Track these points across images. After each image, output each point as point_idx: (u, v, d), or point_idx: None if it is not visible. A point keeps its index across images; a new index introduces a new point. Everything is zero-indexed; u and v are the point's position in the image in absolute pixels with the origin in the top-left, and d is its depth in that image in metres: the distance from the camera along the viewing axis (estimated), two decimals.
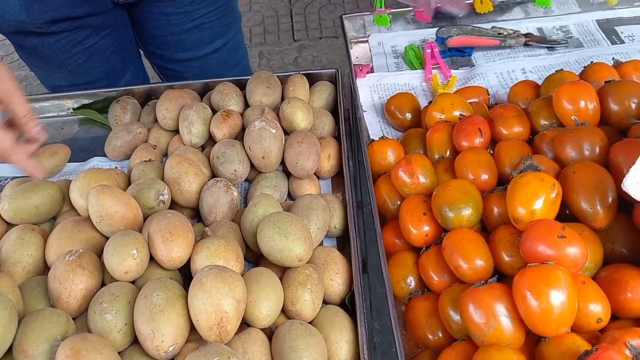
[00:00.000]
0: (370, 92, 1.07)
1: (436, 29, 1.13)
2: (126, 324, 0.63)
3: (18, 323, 0.62)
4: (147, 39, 1.21)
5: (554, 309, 0.54)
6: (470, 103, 0.90)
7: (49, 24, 1.01)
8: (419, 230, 0.73)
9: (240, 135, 0.91)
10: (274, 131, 0.85)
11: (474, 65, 1.09)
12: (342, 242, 0.83)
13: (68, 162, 0.97)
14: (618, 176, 0.62)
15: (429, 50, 1.09)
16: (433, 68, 1.08)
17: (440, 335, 0.66)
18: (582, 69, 0.87)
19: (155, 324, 0.60)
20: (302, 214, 0.75)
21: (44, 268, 0.75)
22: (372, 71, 1.12)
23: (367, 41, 1.20)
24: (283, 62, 1.29)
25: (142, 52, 1.28)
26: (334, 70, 1.04)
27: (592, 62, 0.88)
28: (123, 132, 0.95)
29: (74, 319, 0.66)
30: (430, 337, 0.67)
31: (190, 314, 0.62)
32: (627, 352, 0.52)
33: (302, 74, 1.01)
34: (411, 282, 0.72)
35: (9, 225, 0.80)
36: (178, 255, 0.69)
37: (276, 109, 0.95)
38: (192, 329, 0.63)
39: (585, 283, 0.58)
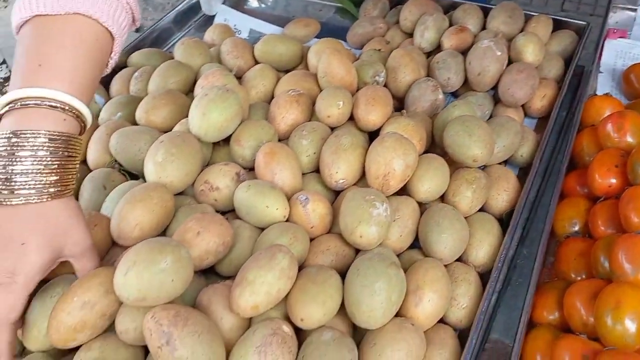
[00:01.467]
0: (615, 56, 1.01)
1: None
2: (315, 153, 0.76)
3: (240, 122, 0.79)
4: None
5: None
6: None
7: None
8: (605, 180, 0.71)
9: (466, 52, 0.95)
10: (498, 53, 0.88)
11: None
12: (524, 175, 0.84)
13: (315, 37, 1.13)
14: None
15: None
16: None
17: (583, 276, 0.66)
18: None
19: (336, 157, 0.72)
20: (493, 128, 0.78)
21: (271, 99, 0.91)
22: (626, 39, 1.05)
23: (635, 10, 1.12)
24: (545, 3, 1.21)
25: None
26: (585, 23, 1.01)
27: None
28: (366, 22, 1.07)
29: None
30: (572, 275, 0.67)
31: (365, 162, 0.72)
32: None
33: (551, 17, 1.00)
34: (575, 224, 0.72)
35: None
36: (373, 119, 0.78)
37: (510, 41, 0.97)
38: (363, 178, 0.73)
39: None
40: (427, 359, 0.59)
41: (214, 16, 1.19)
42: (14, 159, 0.51)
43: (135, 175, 0.76)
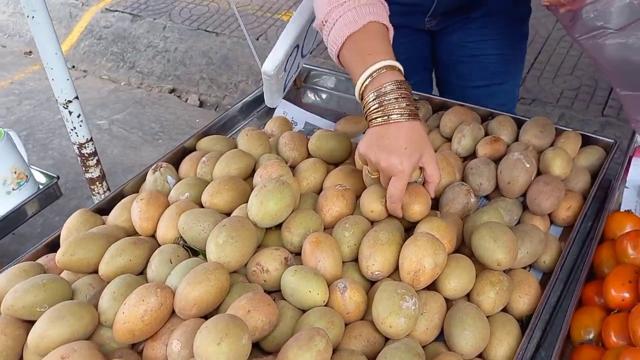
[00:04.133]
0: None
1: None
2: (355, 244, 0.85)
3: (292, 211, 0.89)
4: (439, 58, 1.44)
5: None
6: None
7: None
8: (619, 293, 0.77)
9: (498, 161, 1.05)
10: (527, 165, 0.97)
11: None
12: (546, 280, 0.90)
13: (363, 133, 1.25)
14: None
15: None
16: None
17: None
18: None
19: (373, 250, 0.81)
20: (518, 235, 0.86)
21: (320, 190, 1.02)
22: None
23: None
24: (581, 129, 1.34)
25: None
26: (612, 140, 1.09)
27: None
28: None
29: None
30: None
31: (400, 257, 0.81)
32: None
33: (579, 133, 1.10)
34: (590, 332, 0.78)
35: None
36: (416, 211, 0.87)
37: (540, 154, 1.06)
38: (396, 271, 0.82)
39: None
40: None
41: (274, 108, 1.33)
42: (384, 99, 0.83)
43: (196, 251, 0.87)
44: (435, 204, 1.00)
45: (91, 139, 1.45)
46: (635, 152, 1.12)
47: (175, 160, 1.11)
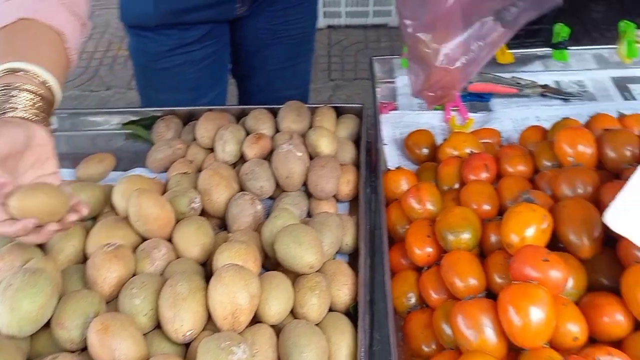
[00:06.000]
0: (392, 127, 1.15)
1: None
2: (152, 309, 0.71)
3: (58, 301, 0.71)
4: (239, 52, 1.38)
5: (532, 324, 0.59)
6: (483, 143, 0.98)
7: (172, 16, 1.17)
8: (422, 250, 0.79)
9: (269, 157, 1.00)
10: (299, 154, 0.94)
11: (491, 110, 1.16)
12: (353, 260, 0.89)
13: (112, 170, 1.08)
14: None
15: None
16: (452, 110, 1.16)
17: (433, 346, 0.72)
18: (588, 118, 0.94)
19: (177, 310, 0.68)
20: (317, 229, 0.83)
21: (84, 259, 0.84)
22: (396, 109, 1.21)
23: (394, 82, 1.29)
24: (317, 99, 1.41)
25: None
26: (361, 105, 1.13)
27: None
28: (164, 146, 1.06)
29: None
30: (424, 348, 0.72)
31: (208, 304, 0.70)
32: None
33: (331, 106, 1.11)
34: (411, 297, 0.79)
35: None
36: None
37: (304, 136, 1.04)
38: (210, 320, 0.71)
39: (566, 305, 0.63)
40: None
41: None
42: None
43: None
44: (223, 224, 0.90)
45: None
46: (382, 110, 1.18)
47: None
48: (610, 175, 0.78)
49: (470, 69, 0.83)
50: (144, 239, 0.84)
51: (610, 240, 0.69)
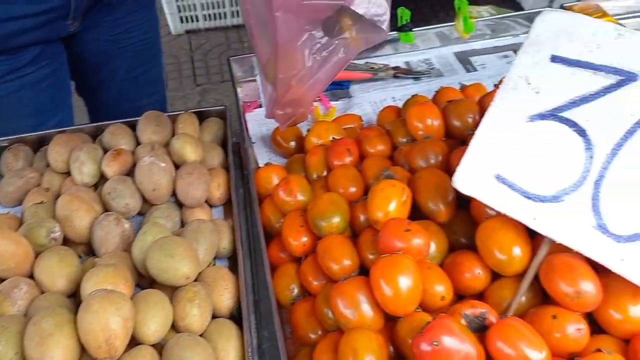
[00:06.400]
0: (258, 125, 1.15)
1: None
2: (16, 353, 0.65)
3: None
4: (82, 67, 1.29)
5: (402, 291, 0.62)
6: (345, 129, 1.01)
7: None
8: (298, 241, 0.80)
9: (131, 173, 0.95)
10: (163, 165, 0.91)
11: (351, 97, 1.21)
12: (234, 262, 0.88)
13: None
14: None
15: None
16: (315, 101, 1.18)
17: (319, 332, 0.73)
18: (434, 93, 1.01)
19: (44, 348, 0.63)
20: (191, 237, 0.81)
21: None
22: (260, 107, 1.21)
23: (255, 80, 1.29)
24: (187, 106, 1.38)
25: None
26: (223, 107, 1.12)
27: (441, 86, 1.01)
28: (15, 177, 0.97)
29: None
30: (310, 335, 0.73)
31: (79, 335, 0.65)
32: (462, 321, 0.61)
33: (192, 112, 1.08)
34: (294, 289, 0.79)
35: None
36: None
37: (167, 146, 1.01)
38: (85, 351, 0.66)
39: (431, 268, 0.68)
40: None
41: None
42: None
43: None
44: (91, 250, 0.85)
45: None
46: (246, 109, 1.18)
47: None
48: (458, 143, 0.85)
49: (315, 86, 0.80)
50: (1, 280, 0.77)
51: (464, 202, 0.74)
